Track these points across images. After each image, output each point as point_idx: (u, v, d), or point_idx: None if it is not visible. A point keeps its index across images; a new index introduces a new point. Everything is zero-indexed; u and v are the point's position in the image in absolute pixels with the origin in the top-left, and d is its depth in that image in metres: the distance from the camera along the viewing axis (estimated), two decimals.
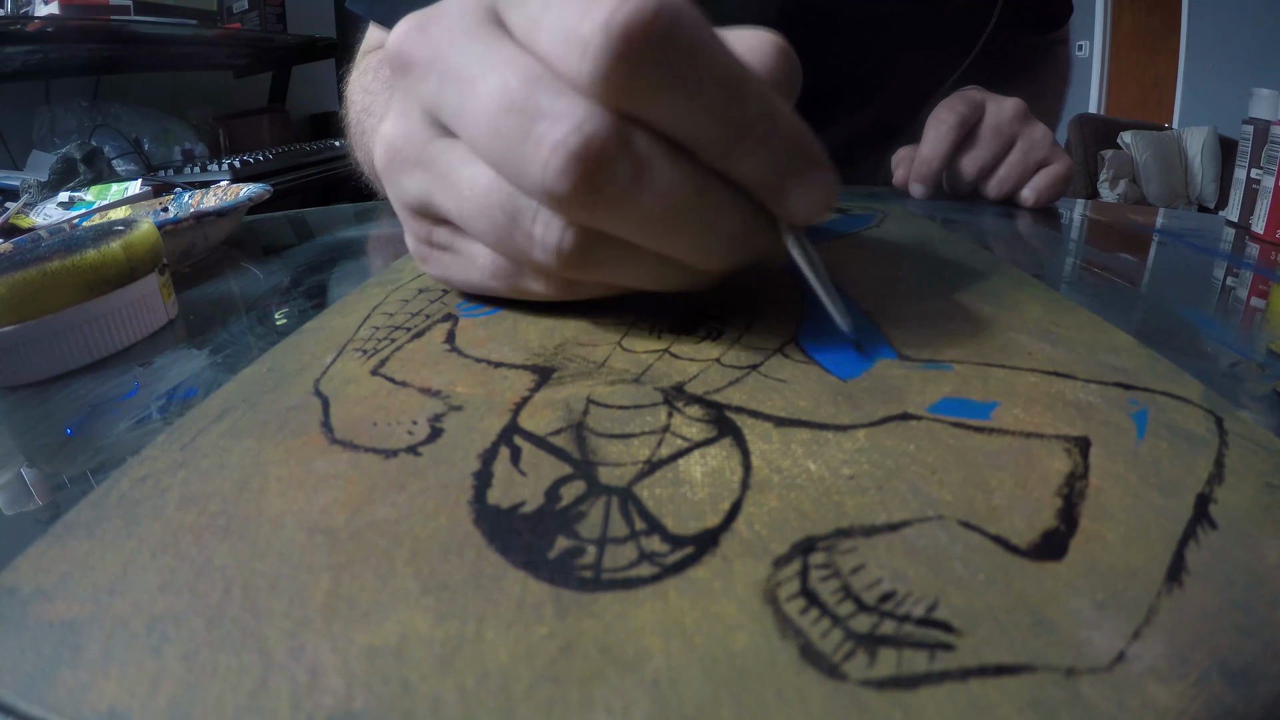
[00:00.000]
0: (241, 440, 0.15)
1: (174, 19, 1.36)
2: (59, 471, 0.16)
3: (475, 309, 0.22)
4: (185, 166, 1.28)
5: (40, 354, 0.21)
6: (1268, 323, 0.25)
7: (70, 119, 1.35)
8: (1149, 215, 0.46)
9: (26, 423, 0.19)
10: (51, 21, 1.13)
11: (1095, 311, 0.22)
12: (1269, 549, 0.11)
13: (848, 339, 0.19)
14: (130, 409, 0.18)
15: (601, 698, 0.09)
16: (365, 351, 0.19)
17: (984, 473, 0.13)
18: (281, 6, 1.64)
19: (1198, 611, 0.10)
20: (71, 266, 0.21)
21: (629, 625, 0.10)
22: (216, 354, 0.22)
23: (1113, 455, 0.14)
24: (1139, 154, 2.78)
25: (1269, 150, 0.36)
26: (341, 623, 0.10)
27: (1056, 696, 0.09)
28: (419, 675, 0.09)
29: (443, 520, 0.12)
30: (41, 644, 0.10)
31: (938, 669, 0.09)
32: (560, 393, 0.17)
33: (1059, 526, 0.12)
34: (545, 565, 0.11)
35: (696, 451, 0.14)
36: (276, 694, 0.09)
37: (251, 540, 0.12)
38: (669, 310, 0.21)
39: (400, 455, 0.14)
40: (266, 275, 0.32)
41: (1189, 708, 0.09)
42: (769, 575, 0.11)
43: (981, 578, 0.11)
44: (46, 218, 0.77)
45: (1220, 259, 0.34)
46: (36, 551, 0.12)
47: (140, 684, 0.09)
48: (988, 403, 0.16)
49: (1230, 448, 0.14)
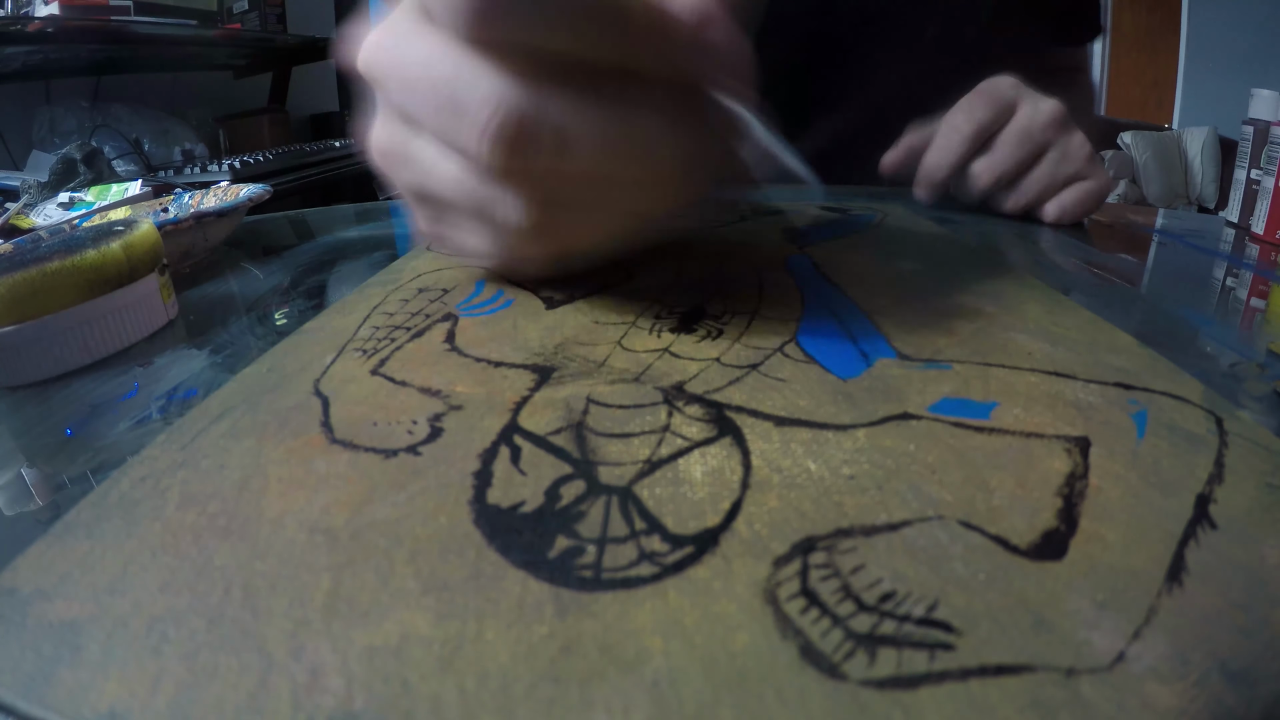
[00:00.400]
0: (241, 440, 0.15)
1: (174, 19, 1.36)
2: (59, 471, 0.16)
3: (475, 308, 0.22)
4: (185, 167, 1.28)
5: (40, 354, 0.21)
6: (1268, 323, 0.25)
7: (70, 119, 1.35)
8: (1149, 215, 0.46)
9: (26, 423, 0.19)
10: (51, 21, 1.13)
11: (1095, 311, 0.22)
12: (1269, 549, 0.11)
13: (843, 334, 0.19)
14: (130, 409, 0.18)
15: (601, 698, 0.09)
16: (365, 351, 0.19)
17: (984, 473, 0.13)
18: (281, 7, 1.64)
19: (1198, 611, 0.10)
20: (71, 267, 0.21)
21: (629, 625, 0.10)
22: (216, 354, 0.22)
23: (1113, 455, 0.14)
24: (1139, 154, 2.78)
25: (1269, 151, 0.36)
26: (341, 623, 0.10)
27: (1056, 696, 0.09)
28: (419, 675, 0.09)
29: (443, 520, 0.12)
30: (41, 644, 0.10)
31: (938, 669, 0.09)
32: (560, 392, 0.17)
33: (1059, 526, 0.12)
34: (545, 565, 0.11)
35: (696, 451, 0.14)
36: (276, 694, 0.09)
37: (251, 540, 0.12)
38: (669, 310, 0.21)
39: (400, 455, 0.14)
40: (266, 275, 0.32)
41: (1189, 708, 0.09)
42: (769, 575, 0.11)
43: (981, 578, 0.11)
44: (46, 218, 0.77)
45: (1220, 259, 0.34)
46: (36, 551, 0.12)
47: (140, 684, 0.09)
48: (988, 403, 0.16)
49: (1230, 448, 0.14)
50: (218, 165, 1.22)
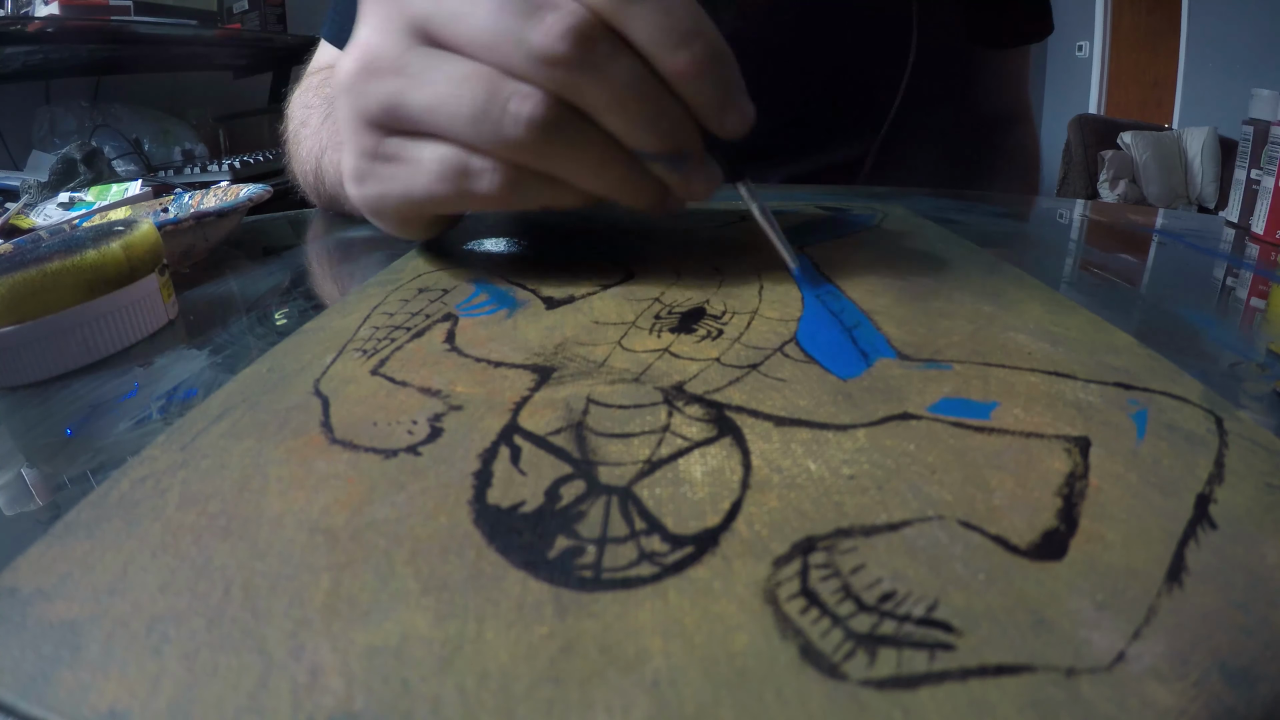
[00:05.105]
0: (241, 440, 0.15)
1: (174, 19, 1.36)
2: (59, 471, 0.16)
3: (475, 309, 0.22)
4: (185, 167, 1.28)
5: (40, 354, 0.21)
6: (1268, 323, 0.25)
7: (70, 119, 1.35)
8: (1149, 215, 0.46)
9: (26, 423, 0.19)
10: (51, 21, 1.13)
11: (1095, 311, 0.22)
12: (1269, 549, 0.11)
13: (843, 334, 0.19)
14: (130, 409, 0.18)
15: (601, 698, 0.09)
16: (365, 351, 0.19)
17: (984, 473, 0.13)
18: (281, 7, 1.64)
19: (1198, 611, 0.10)
20: (71, 267, 0.21)
21: (629, 625, 0.10)
22: (216, 354, 0.22)
23: (1113, 455, 0.14)
24: (1139, 154, 2.78)
25: (1269, 151, 0.36)
26: (341, 623, 0.10)
27: (1056, 696, 0.09)
28: (419, 675, 0.09)
29: (443, 520, 0.12)
30: (41, 644, 0.10)
31: (938, 669, 0.09)
32: (560, 392, 0.17)
33: (1059, 526, 0.12)
34: (545, 565, 0.11)
35: (696, 451, 0.14)
36: (276, 694, 0.09)
37: (251, 540, 0.12)
38: (669, 310, 0.21)
39: (400, 455, 0.14)
40: (266, 275, 0.32)
41: (1189, 708, 0.09)
42: (769, 575, 0.11)
43: (981, 578, 0.11)
44: (46, 218, 0.77)
45: (1220, 259, 0.34)
46: (36, 552, 0.12)
47: (140, 684, 0.09)
48: (988, 403, 0.16)
49: (1230, 448, 0.14)
50: (218, 165, 1.22)
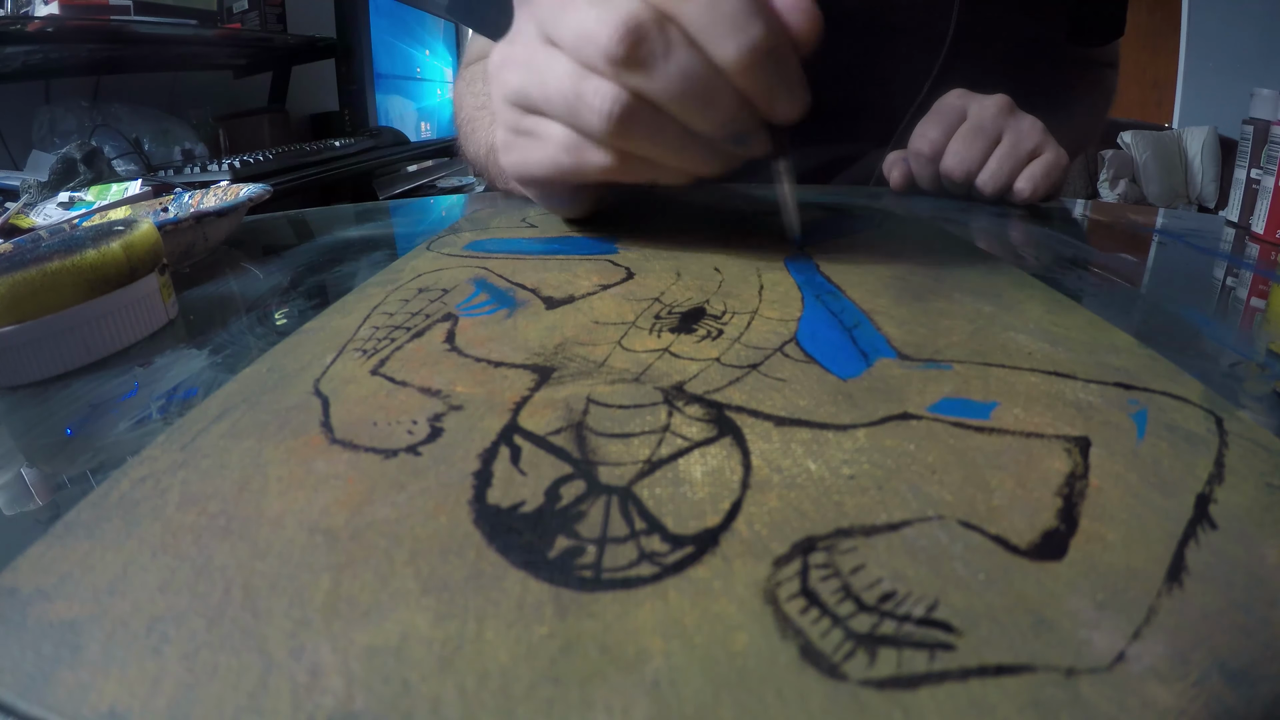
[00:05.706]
0: (241, 440, 0.15)
1: (174, 19, 1.36)
2: (59, 471, 0.16)
3: (475, 309, 0.22)
4: (185, 166, 1.27)
5: (40, 354, 0.21)
6: (1268, 323, 0.25)
7: (70, 119, 1.35)
8: (1149, 215, 0.46)
9: (26, 423, 0.19)
10: (51, 21, 1.13)
11: (1095, 311, 0.22)
12: (1269, 549, 0.11)
13: (843, 334, 0.19)
14: (130, 409, 0.18)
15: (601, 698, 0.09)
16: (365, 351, 0.19)
17: (984, 473, 0.13)
18: (281, 6, 1.64)
19: (1198, 611, 0.10)
20: (71, 266, 0.21)
21: (629, 625, 0.10)
22: (216, 354, 0.22)
23: (1113, 455, 0.14)
24: (1139, 154, 2.78)
25: (1269, 150, 0.36)
26: (341, 623, 0.10)
27: (1056, 696, 0.09)
28: (419, 675, 0.09)
29: (443, 520, 0.12)
30: (41, 644, 0.10)
31: (938, 669, 0.09)
32: (560, 392, 0.17)
33: (1059, 526, 0.12)
34: (545, 565, 0.11)
35: (696, 451, 0.14)
36: (276, 694, 0.09)
37: (251, 540, 0.12)
38: (669, 310, 0.21)
39: (400, 455, 0.14)
40: (266, 275, 0.32)
41: (1189, 708, 0.09)
42: (769, 575, 0.11)
43: (981, 578, 0.11)
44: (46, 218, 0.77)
45: (1220, 259, 0.34)
46: (36, 551, 0.12)
47: (140, 684, 0.09)
48: (988, 403, 0.16)
49: (1230, 448, 0.14)
50: (218, 165, 1.22)
